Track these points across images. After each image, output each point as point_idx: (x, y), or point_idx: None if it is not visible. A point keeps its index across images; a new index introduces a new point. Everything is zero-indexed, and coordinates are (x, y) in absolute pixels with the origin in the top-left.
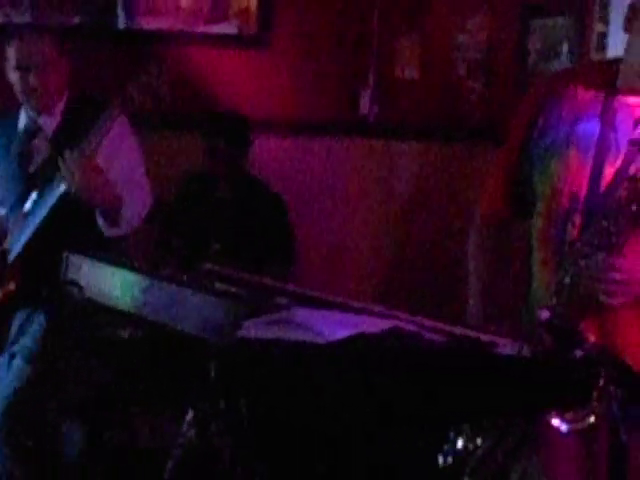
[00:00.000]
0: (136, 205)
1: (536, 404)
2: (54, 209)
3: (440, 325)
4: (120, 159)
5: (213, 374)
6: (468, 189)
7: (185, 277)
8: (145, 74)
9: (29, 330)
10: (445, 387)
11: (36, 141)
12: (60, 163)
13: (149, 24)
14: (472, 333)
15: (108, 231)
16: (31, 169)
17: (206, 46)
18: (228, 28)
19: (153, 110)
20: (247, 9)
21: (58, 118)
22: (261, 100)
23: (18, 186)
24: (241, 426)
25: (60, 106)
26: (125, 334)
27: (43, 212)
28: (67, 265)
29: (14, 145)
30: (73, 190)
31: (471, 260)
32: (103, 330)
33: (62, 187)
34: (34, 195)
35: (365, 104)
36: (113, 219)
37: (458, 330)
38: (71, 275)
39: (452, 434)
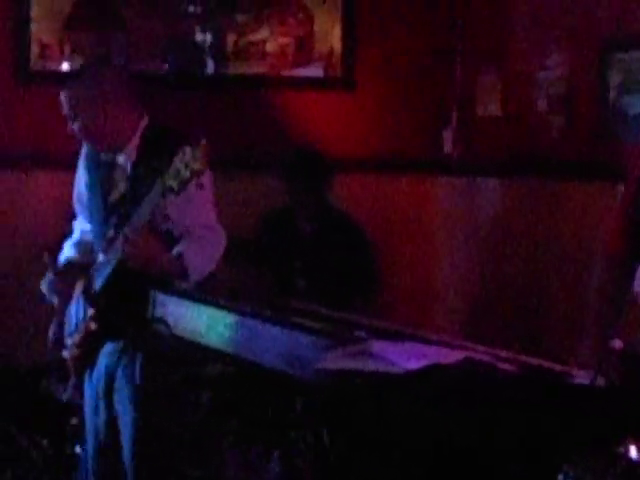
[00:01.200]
0: (206, 255)
1: (611, 434)
2: (117, 268)
3: (514, 356)
4: (192, 209)
5: (298, 407)
6: (551, 225)
7: (269, 313)
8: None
9: (125, 372)
10: (517, 416)
11: (116, 173)
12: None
13: (237, 69)
14: (547, 364)
15: (177, 281)
16: (111, 200)
17: (292, 89)
18: (313, 71)
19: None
20: (331, 52)
21: (134, 154)
22: (346, 140)
23: (100, 216)
24: (326, 459)
25: (134, 142)
26: (213, 370)
27: (110, 266)
28: (154, 302)
29: (99, 174)
30: (128, 261)
31: (594, 297)
32: (192, 367)
33: (119, 253)
34: (111, 232)
35: (448, 142)
36: (178, 275)
37: (533, 361)
38: (158, 312)
39: (561, 476)
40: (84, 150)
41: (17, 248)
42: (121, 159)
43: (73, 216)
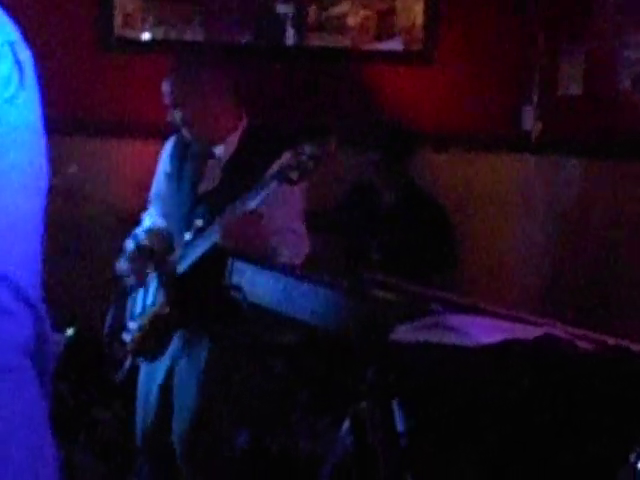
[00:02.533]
0: (292, 253)
1: None
2: (210, 251)
3: (593, 334)
4: (283, 208)
5: (370, 379)
6: (631, 206)
7: (345, 283)
8: (311, 145)
9: (191, 359)
10: (596, 394)
11: (209, 164)
12: (217, 218)
13: (318, 41)
14: (625, 343)
15: None
16: (200, 190)
17: (372, 63)
18: (394, 45)
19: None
20: (413, 26)
21: (233, 147)
22: (425, 115)
23: (186, 205)
24: (395, 431)
25: (236, 135)
26: (285, 339)
27: (201, 249)
28: (231, 270)
29: (188, 165)
30: (225, 244)
31: None
32: (265, 335)
33: (217, 236)
34: (199, 222)
35: (528, 120)
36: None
37: (610, 340)
38: (234, 280)
39: (634, 456)
40: (171, 141)
41: (94, 216)
42: (219, 150)
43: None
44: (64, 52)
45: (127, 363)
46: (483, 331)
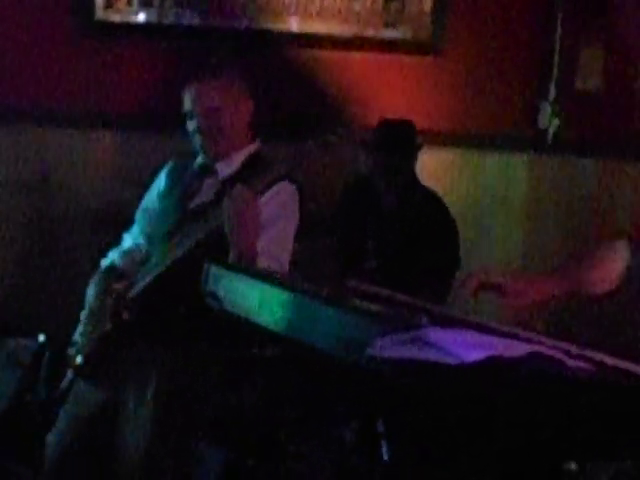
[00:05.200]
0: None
1: None
2: (189, 253)
3: (589, 353)
4: (275, 225)
5: (352, 396)
6: None
7: (325, 293)
8: (331, 134)
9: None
10: (583, 418)
11: (206, 181)
12: (227, 193)
13: (323, 28)
14: (624, 364)
15: None
16: (191, 206)
17: (379, 51)
18: (402, 33)
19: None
20: (421, 14)
21: (235, 168)
22: (434, 108)
23: (170, 221)
24: (378, 449)
25: (240, 156)
26: (268, 351)
27: (177, 254)
28: (207, 276)
29: (182, 183)
30: (226, 218)
31: None
32: (246, 347)
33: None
34: (179, 236)
35: (544, 117)
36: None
37: (609, 360)
38: (211, 286)
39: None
40: (171, 162)
41: (71, 209)
42: (220, 167)
43: (127, 222)
44: (39, 39)
45: (66, 380)
46: (466, 347)
